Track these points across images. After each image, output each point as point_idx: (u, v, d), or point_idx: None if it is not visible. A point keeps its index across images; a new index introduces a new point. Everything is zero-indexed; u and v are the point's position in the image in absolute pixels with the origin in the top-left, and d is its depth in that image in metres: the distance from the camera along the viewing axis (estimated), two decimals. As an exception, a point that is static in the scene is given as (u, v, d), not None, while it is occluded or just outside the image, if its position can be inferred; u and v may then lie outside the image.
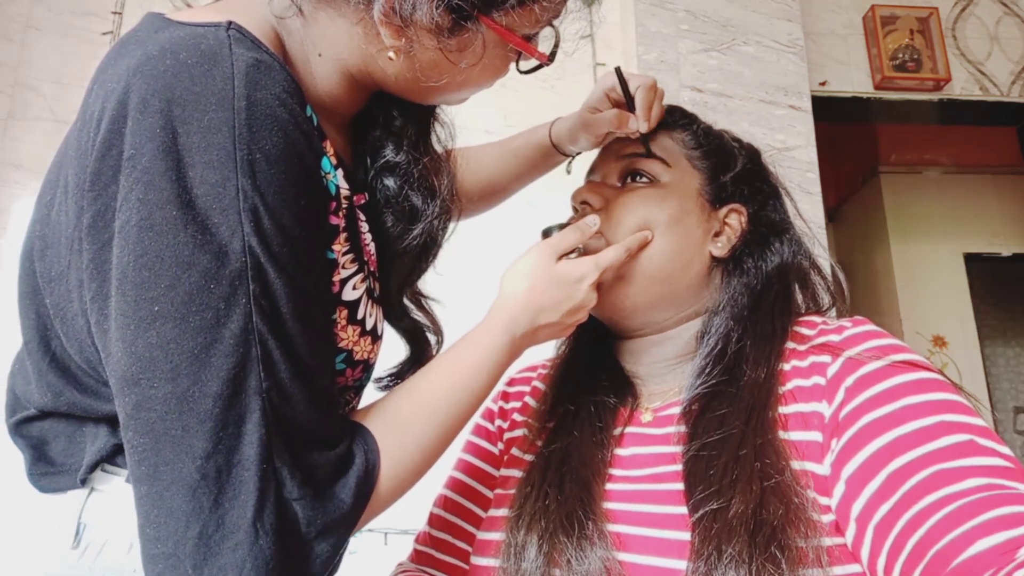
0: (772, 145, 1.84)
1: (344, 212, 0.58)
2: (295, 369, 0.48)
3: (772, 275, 0.69)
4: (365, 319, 0.61)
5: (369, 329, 0.62)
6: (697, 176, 0.71)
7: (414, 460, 0.56)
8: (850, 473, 0.52)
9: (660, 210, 0.68)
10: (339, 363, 0.59)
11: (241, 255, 0.46)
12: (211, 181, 0.45)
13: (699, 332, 0.68)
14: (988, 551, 0.42)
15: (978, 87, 2.22)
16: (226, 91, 0.46)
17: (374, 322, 0.63)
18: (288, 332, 0.48)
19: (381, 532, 1.72)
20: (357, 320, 0.60)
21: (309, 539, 0.48)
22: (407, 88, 0.60)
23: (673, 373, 0.69)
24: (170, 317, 0.45)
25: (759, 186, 0.73)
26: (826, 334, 0.62)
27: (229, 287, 0.45)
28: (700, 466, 0.56)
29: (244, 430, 0.45)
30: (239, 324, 0.45)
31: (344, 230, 0.58)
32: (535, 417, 0.73)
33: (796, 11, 1.97)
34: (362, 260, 0.61)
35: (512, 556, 0.59)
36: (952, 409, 0.51)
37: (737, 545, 0.49)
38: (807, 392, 0.59)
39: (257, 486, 0.45)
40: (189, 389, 0.45)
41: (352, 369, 0.61)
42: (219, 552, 0.44)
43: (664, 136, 0.73)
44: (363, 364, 0.62)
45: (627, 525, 0.58)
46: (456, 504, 0.76)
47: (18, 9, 2.07)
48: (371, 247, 0.64)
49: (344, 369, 0.60)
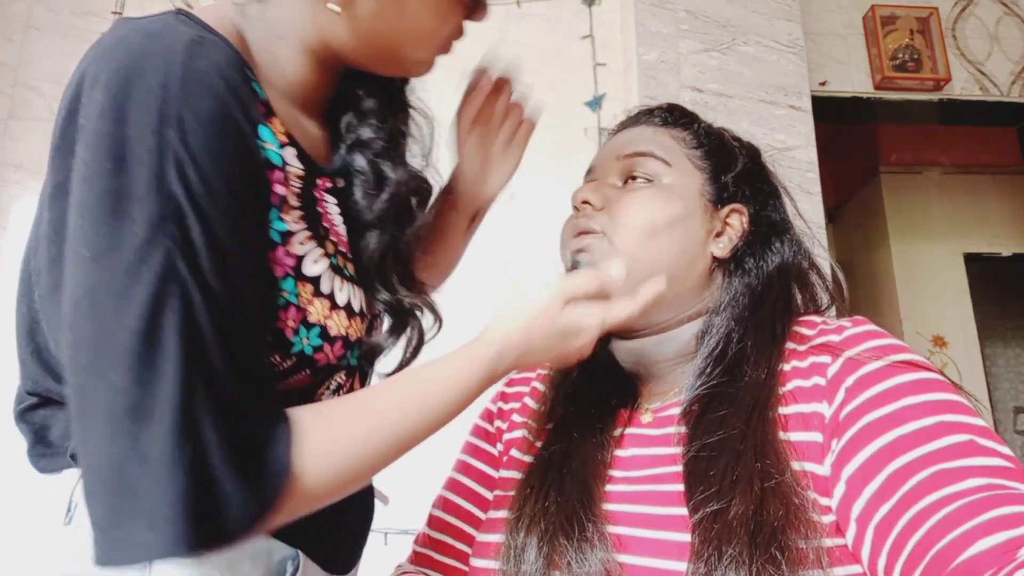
0: (772, 145, 1.84)
1: (299, 190, 0.60)
2: (215, 320, 0.49)
3: (773, 275, 0.69)
4: (334, 293, 0.62)
5: (342, 304, 0.62)
6: (698, 176, 0.70)
7: (341, 457, 0.54)
8: (850, 473, 0.52)
9: (664, 211, 0.67)
10: (315, 338, 0.60)
11: (164, 201, 0.48)
12: (141, 134, 0.48)
13: (699, 332, 0.68)
14: (988, 551, 0.42)
15: (978, 87, 2.22)
16: (165, 59, 0.50)
17: (347, 298, 0.63)
18: (207, 281, 0.49)
19: (381, 532, 1.72)
20: (324, 294, 0.61)
21: (224, 489, 0.48)
22: (364, 53, 0.63)
23: (673, 373, 0.69)
24: (98, 260, 0.47)
25: (760, 186, 0.73)
26: (826, 334, 0.62)
27: (150, 230, 0.47)
28: (700, 467, 0.56)
29: (162, 367, 0.47)
30: (159, 265, 0.47)
31: (300, 207, 0.60)
32: (534, 418, 0.73)
33: (796, 11, 1.97)
34: (320, 236, 0.62)
35: (512, 558, 0.58)
36: (952, 409, 0.51)
37: (737, 546, 0.49)
38: (807, 392, 0.59)
39: (176, 422, 0.46)
40: (111, 326, 0.47)
41: (330, 344, 0.61)
42: (139, 486, 0.46)
43: (664, 135, 0.73)
44: (342, 340, 0.62)
45: (627, 527, 0.58)
46: (455, 505, 0.76)
47: (18, 9, 2.07)
48: (340, 228, 0.66)
49: (321, 344, 0.60)
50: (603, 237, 0.67)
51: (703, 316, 0.69)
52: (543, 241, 1.94)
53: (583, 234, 0.69)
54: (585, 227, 0.69)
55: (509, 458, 0.74)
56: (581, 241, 0.69)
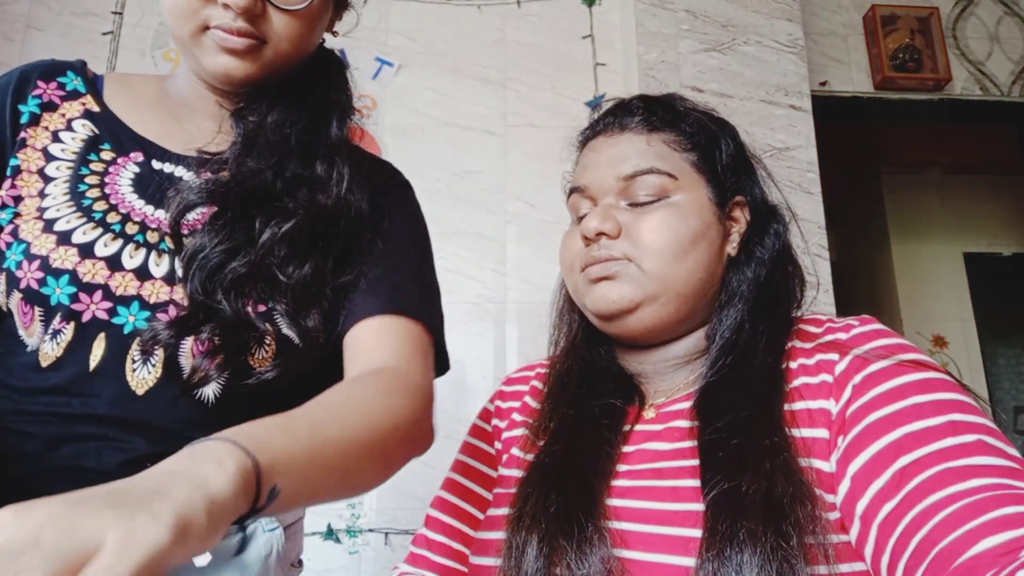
0: (772, 145, 1.84)
1: (76, 152, 0.69)
2: None
3: (775, 259, 0.70)
4: (57, 221, 0.65)
5: (62, 231, 0.64)
6: (702, 182, 0.70)
7: None
8: (856, 470, 0.52)
9: (687, 229, 0.66)
10: (18, 254, 0.64)
11: None
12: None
13: (709, 330, 0.68)
14: (991, 550, 0.42)
15: (978, 87, 2.22)
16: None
17: (80, 235, 0.65)
18: None
19: (382, 532, 1.72)
20: (44, 219, 0.65)
21: None
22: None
23: (680, 371, 0.69)
24: None
25: (745, 166, 0.73)
26: (833, 332, 0.62)
27: None
28: (714, 448, 0.57)
29: None
30: None
31: (71, 162, 0.68)
32: (536, 417, 0.73)
33: (796, 11, 1.97)
34: (78, 189, 0.67)
35: (512, 557, 0.59)
36: (961, 409, 0.52)
37: (752, 521, 0.50)
38: (814, 389, 0.59)
39: None
40: None
41: (28, 262, 0.63)
42: None
43: (657, 143, 0.70)
44: (40, 260, 0.63)
45: (631, 522, 0.58)
46: (453, 506, 0.76)
47: (19, 9, 2.07)
48: (123, 193, 0.68)
49: (20, 262, 0.64)
50: (629, 263, 0.66)
51: (714, 315, 0.69)
52: (544, 241, 1.94)
53: (605, 262, 0.67)
54: (606, 256, 0.67)
55: (509, 456, 0.74)
56: (606, 268, 0.67)
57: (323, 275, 0.68)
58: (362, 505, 1.73)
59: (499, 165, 2.01)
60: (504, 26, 2.11)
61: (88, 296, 0.63)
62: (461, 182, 1.99)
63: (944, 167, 3.51)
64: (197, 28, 0.65)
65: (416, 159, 1.97)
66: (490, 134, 2.04)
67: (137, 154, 0.71)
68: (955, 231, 3.42)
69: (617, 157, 0.70)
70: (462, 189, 1.99)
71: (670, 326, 0.68)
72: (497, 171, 2.01)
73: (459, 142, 2.02)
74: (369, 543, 1.70)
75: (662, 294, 0.66)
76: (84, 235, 0.65)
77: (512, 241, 1.96)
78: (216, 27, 0.64)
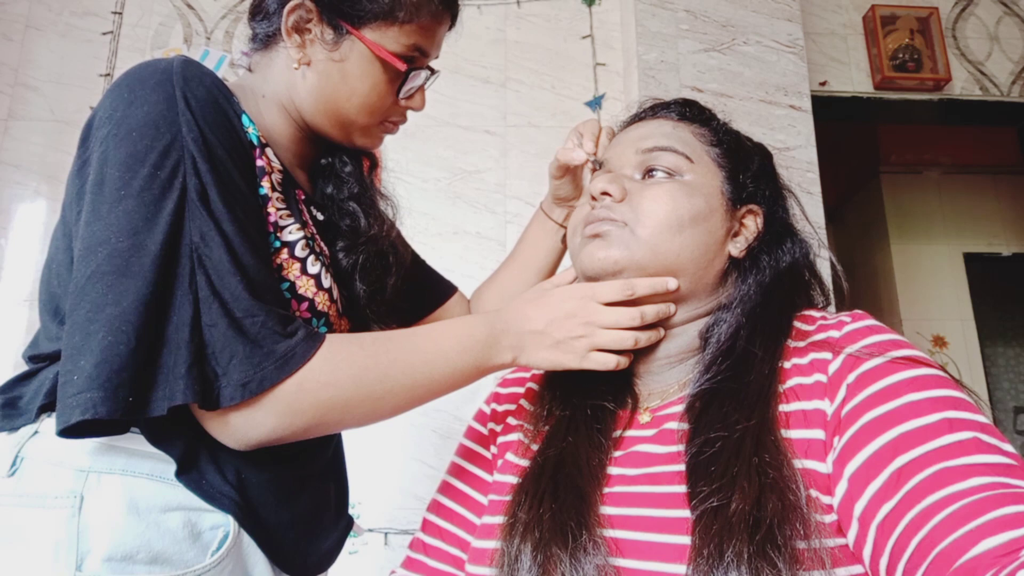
0: (772, 145, 1.83)
1: (280, 180, 0.73)
2: (225, 242, 0.60)
3: (784, 273, 0.69)
4: (308, 261, 0.72)
5: (312, 272, 0.72)
6: (719, 174, 0.70)
7: (349, 372, 0.62)
8: (853, 471, 0.52)
9: (689, 206, 0.66)
10: (284, 290, 0.70)
11: (179, 150, 0.61)
12: (157, 105, 0.62)
13: (704, 329, 0.68)
14: (991, 551, 0.42)
15: (978, 87, 2.22)
16: (165, 67, 0.65)
17: (319, 270, 0.73)
18: (217, 214, 0.61)
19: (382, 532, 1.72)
20: (297, 257, 0.71)
21: (236, 349, 0.58)
22: (317, 110, 0.77)
23: (673, 371, 0.69)
24: (129, 196, 0.59)
25: (773, 187, 0.73)
26: (825, 329, 0.62)
27: (171, 172, 0.60)
28: (702, 463, 0.56)
29: (175, 287, 0.58)
30: (177, 199, 0.60)
31: (275, 188, 0.71)
32: (530, 420, 0.73)
33: (796, 11, 1.97)
34: (299, 218, 0.73)
35: (506, 566, 0.58)
36: (955, 406, 0.51)
37: (737, 545, 0.49)
38: (808, 390, 0.58)
39: (187, 342, 0.57)
40: (132, 248, 0.58)
41: (297, 303, 0.71)
42: (154, 390, 0.56)
43: (684, 130, 0.72)
44: (308, 303, 0.72)
45: (624, 530, 0.57)
46: (448, 510, 0.76)
47: (18, 9, 2.07)
48: (312, 228, 0.77)
49: (289, 300, 0.70)
50: (624, 227, 0.66)
51: (712, 314, 0.69)
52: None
53: (601, 221, 0.67)
54: (604, 216, 0.67)
55: (504, 462, 0.73)
56: (599, 227, 0.67)
57: None
58: (362, 505, 1.73)
59: (499, 165, 2.01)
60: (504, 26, 2.11)
61: (298, 305, 0.73)
62: (461, 182, 1.99)
63: (944, 167, 3.51)
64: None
65: (416, 159, 1.97)
66: (490, 134, 2.04)
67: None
68: (955, 231, 3.42)
69: (640, 136, 0.72)
70: (462, 189, 1.99)
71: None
72: (497, 171, 2.01)
73: (459, 142, 2.02)
74: (368, 543, 1.70)
75: (649, 264, 0.65)
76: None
77: (512, 241, 1.96)
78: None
